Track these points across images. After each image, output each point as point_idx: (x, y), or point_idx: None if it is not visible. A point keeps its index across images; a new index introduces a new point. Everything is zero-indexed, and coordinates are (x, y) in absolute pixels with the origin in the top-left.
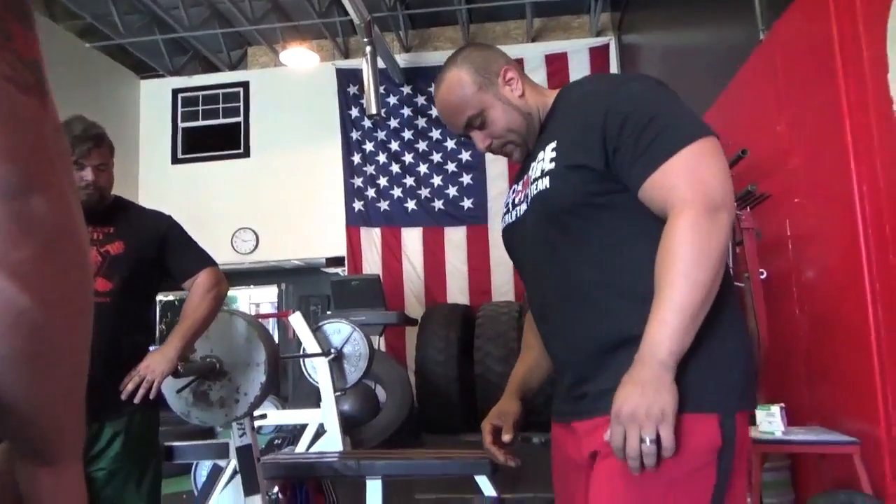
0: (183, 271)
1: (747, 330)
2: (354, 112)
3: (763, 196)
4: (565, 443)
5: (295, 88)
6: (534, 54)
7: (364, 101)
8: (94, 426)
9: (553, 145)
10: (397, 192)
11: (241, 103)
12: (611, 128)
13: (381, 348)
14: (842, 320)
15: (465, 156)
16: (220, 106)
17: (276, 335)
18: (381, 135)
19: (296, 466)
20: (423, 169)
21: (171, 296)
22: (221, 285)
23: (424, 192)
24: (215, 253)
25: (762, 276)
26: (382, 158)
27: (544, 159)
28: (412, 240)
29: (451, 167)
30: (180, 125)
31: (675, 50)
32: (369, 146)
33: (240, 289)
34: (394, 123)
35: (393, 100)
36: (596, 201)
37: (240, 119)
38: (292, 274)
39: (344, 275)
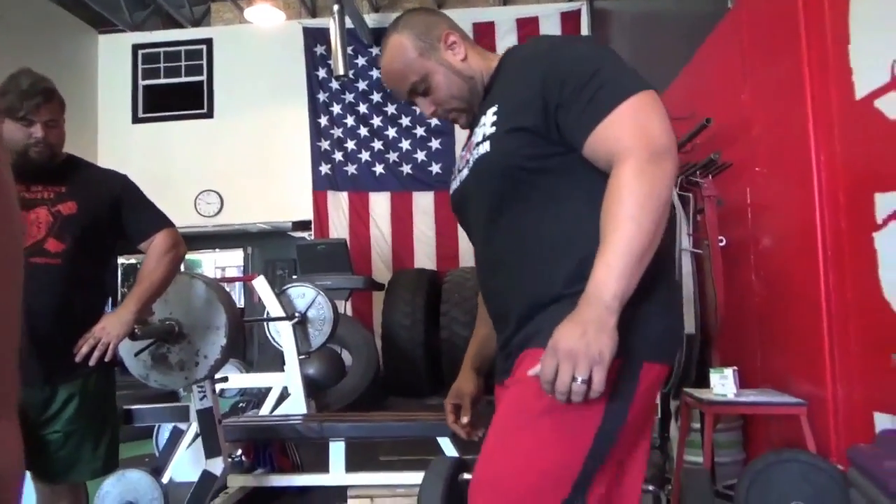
0: (139, 233)
1: (674, 286)
2: (322, 73)
3: (725, 165)
4: (500, 402)
5: (260, 47)
6: (505, 18)
7: (332, 61)
8: (46, 388)
9: (494, 109)
10: (365, 155)
11: (205, 61)
12: (552, 87)
13: (348, 313)
14: (795, 286)
15: (434, 120)
16: (183, 63)
17: (241, 300)
18: (349, 97)
19: (258, 429)
20: (391, 133)
21: (132, 258)
22: (179, 247)
23: (393, 156)
24: (178, 215)
25: (721, 244)
26: (350, 121)
27: (486, 124)
28: (380, 204)
29: (419, 131)
30: (141, 83)
31: (646, 17)
32: (337, 108)
33: (204, 252)
34: (362, 85)
35: (361, 61)
36: (535, 164)
37: (203, 78)
38: (258, 238)
39: (310, 239)
